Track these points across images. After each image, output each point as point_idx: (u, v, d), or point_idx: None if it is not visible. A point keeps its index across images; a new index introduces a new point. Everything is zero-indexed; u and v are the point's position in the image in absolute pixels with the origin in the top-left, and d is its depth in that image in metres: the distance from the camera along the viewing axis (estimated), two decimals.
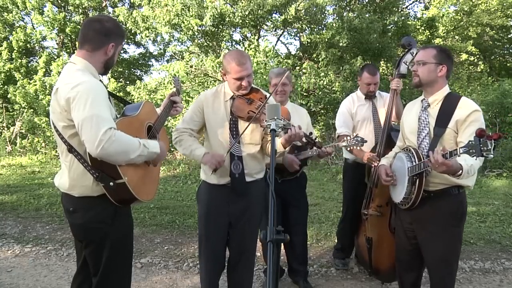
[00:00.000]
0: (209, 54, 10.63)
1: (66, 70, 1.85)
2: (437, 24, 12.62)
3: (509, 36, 15.18)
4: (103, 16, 2.35)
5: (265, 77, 8.19)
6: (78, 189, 1.82)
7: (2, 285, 3.20)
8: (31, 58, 14.54)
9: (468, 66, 16.17)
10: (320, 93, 9.43)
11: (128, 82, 14.88)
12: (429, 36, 12.61)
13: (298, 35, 12.11)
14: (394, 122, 3.19)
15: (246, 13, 9.39)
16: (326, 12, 10.38)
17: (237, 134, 2.38)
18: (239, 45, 11.24)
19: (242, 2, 9.49)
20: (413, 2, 13.87)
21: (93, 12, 13.96)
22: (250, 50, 9.23)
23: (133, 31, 11.06)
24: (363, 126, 3.29)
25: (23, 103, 11.24)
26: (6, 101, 12.40)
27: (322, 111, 10.36)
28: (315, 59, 10.52)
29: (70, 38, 14.12)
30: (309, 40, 10.54)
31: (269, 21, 10.64)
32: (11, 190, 6.33)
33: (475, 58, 16.38)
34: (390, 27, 11.08)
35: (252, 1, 9.28)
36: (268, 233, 1.28)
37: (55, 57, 13.64)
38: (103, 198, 1.79)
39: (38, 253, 3.88)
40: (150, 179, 1.98)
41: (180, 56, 11.97)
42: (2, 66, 12.87)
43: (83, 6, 13.55)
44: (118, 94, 7.33)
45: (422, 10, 14.11)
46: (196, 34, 10.34)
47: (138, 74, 17.18)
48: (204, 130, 2.53)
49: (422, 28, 12.49)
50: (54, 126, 1.83)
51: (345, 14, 10.05)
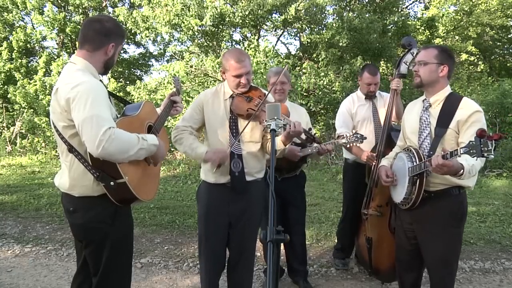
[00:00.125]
0: (209, 54, 10.63)
1: (66, 70, 1.85)
2: (437, 24, 12.63)
3: (509, 36, 15.18)
4: (103, 16, 2.35)
5: (265, 77, 8.19)
6: (79, 189, 1.83)
7: (2, 285, 3.20)
8: (31, 58, 14.54)
9: (468, 66, 16.17)
10: (320, 93, 9.43)
11: (128, 82, 14.88)
12: (429, 36, 12.61)
13: (298, 35, 12.11)
14: (394, 122, 3.19)
15: (246, 13, 9.39)
16: (326, 12, 10.39)
17: (236, 132, 2.38)
18: (239, 45, 11.23)
19: (242, 2, 9.49)
20: (413, 2, 13.89)
21: (93, 12, 13.95)
22: (250, 50, 9.23)
23: (133, 31, 11.06)
24: (363, 126, 3.29)
25: (23, 103, 11.25)
26: (6, 101, 12.40)
27: (322, 111, 10.36)
28: (315, 59, 10.52)
29: (70, 38, 14.12)
30: (309, 40, 10.54)
31: (269, 21, 10.64)
32: (11, 190, 6.33)
33: (475, 58, 16.38)
34: (390, 27, 11.08)
35: (252, 1, 9.29)
36: (268, 233, 1.28)
37: (55, 57, 13.64)
38: (104, 198, 1.79)
39: (38, 253, 3.88)
40: (150, 179, 1.98)
41: (180, 56, 11.97)
42: (2, 66, 12.88)
43: (83, 6, 13.55)
44: (118, 94, 7.32)
45: (422, 10, 14.13)
46: (196, 34, 10.34)
47: (138, 74, 17.18)
48: (203, 129, 2.53)
49: (422, 28, 12.49)
50: (54, 126, 1.83)
51: (345, 14, 10.04)
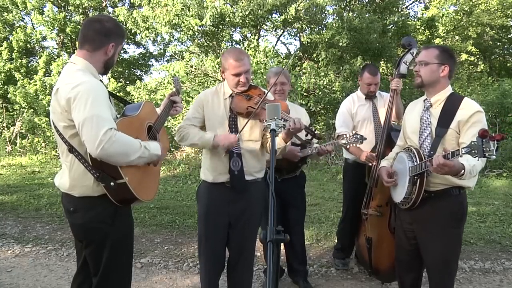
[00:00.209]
0: (209, 54, 10.63)
1: (66, 70, 1.85)
2: (437, 24, 12.62)
3: (509, 36, 15.18)
4: (103, 16, 2.35)
5: (265, 77, 8.19)
6: (79, 189, 1.83)
7: (2, 285, 3.20)
8: (31, 58, 14.54)
9: (468, 66, 16.16)
10: (320, 93, 9.43)
11: (128, 82, 14.88)
12: (429, 36, 12.61)
13: (298, 35, 12.10)
14: (394, 122, 3.20)
15: (246, 13, 9.38)
16: (326, 12, 10.39)
17: (236, 131, 2.38)
18: (239, 45, 11.23)
19: (243, 2, 9.49)
20: (413, 2, 13.88)
21: (93, 12, 13.94)
22: (250, 50, 9.23)
23: (133, 31, 11.06)
24: (364, 126, 3.29)
25: (23, 103, 11.26)
26: (6, 101, 12.41)
27: (322, 111, 10.36)
28: (315, 59, 10.52)
29: (70, 38, 14.12)
30: (309, 40, 10.54)
31: (269, 21, 10.64)
32: (11, 190, 6.33)
33: (475, 58, 16.37)
34: (390, 27, 11.09)
35: (252, 1, 9.28)
36: (268, 233, 1.28)
37: (55, 57, 13.64)
38: (104, 198, 1.79)
39: (38, 253, 3.88)
40: (150, 179, 1.98)
41: (180, 56, 11.96)
42: (2, 66, 12.87)
43: (83, 6, 13.55)
44: (118, 94, 7.32)
45: (422, 10, 14.13)
46: (196, 34, 10.34)
47: (138, 74, 17.18)
48: (204, 129, 2.52)
49: (422, 28, 12.48)
50: (55, 126, 1.83)
51: (345, 14, 10.04)
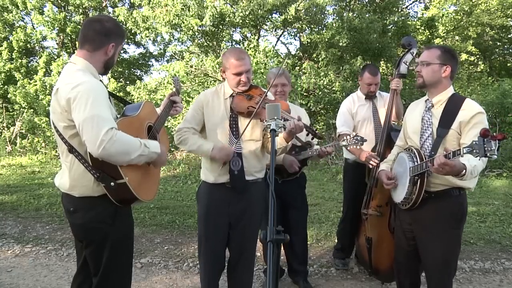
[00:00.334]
0: (209, 54, 10.63)
1: (66, 70, 1.85)
2: (437, 24, 12.62)
3: (509, 36, 15.17)
4: (103, 16, 2.35)
5: (265, 77, 8.19)
6: (79, 189, 1.83)
7: (2, 285, 3.20)
8: (31, 58, 14.54)
9: (468, 66, 16.16)
10: (320, 93, 9.43)
11: (128, 82, 14.88)
12: (429, 36, 12.61)
13: (298, 35, 12.11)
14: (394, 122, 3.20)
15: (247, 13, 9.38)
16: (326, 12, 10.40)
17: (237, 130, 2.38)
18: (239, 45, 11.23)
19: (243, 2, 9.49)
20: (413, 2, 13.89)
21: (93, 12, 13.95)
22: (250, 50, 9.23)
23: (133, 31, 11.06)
24: (364, 126, 3.29)
25: (23, 103, 11.26)
26: (6, 101, 12.41)
27: (322, 111, 10.36)
28: (315, 59, 10.52)
29: (70, 38, 14.12)
30: (309, 40, 10.54)
31: (269, 21, 10.64)
32: (11, 190, 6.33)
33: (475, 58, 16.37)
34: (390, 27, 11.09)
35: (252, 1, 9.28)
36: (268, 233, 1.28)
37: (55, 57, 13.64)
38: (104, 198, 1.79)
39: (38, 253, 3.88)
40: (150, 179, 1.98)
41: (180, 56, 11.96)
42: (2, 66, 12.87)
43: (83, 6, 13.55)
44: (118, 94, 7.33)
45: (422, 10, 14.13)
46: (196, 34, 10.34)
47: (138, 74, 17.18)
48: (204, 130, 2.52)
49: (422, 28, 12.49)
50: (55, 126, 1.83)
51: (345, 14, 10.05)
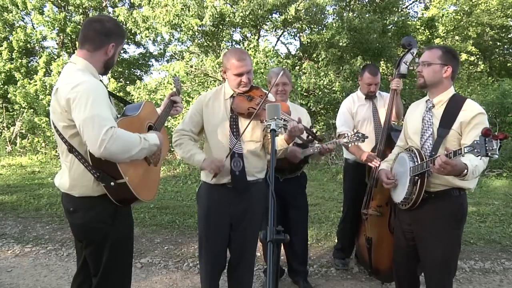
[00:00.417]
0: (209, 54, 10.63)
1: (66, 70, 1.85)
2: (437, 24, 12.62)
3: (509, 36, 15.16)
4: (104, 16, 2.35)
5: (265, 77, 8.19)
6: (79, 189, 1.83)
7: (2, 285, 3.20)
8: (31, 58, 14.53)
9: (468, 66, 16.15)
10: (320, 93, 9.43)
11: (128, 82, 14.87)
12: (429, 36, 12.60)
13: (298, 35, 12.10)
14: (394, 122, 3.20)
15: (247, 13, 9.38)
16: (326, 12, 10.39)
17: (237, 131, 2.37)
18: (239, 45, 11.23)
19: (243, 2, 9.49)
20: (413, 2, 13.89)
21: (93, 12, 13.94)
22: (250, 50, 9.23)
23: (133, 31, 11.06)
24: (364, 126, 3.29)
25: (23, 103, 11.25)
26: (6, 101, 12.40)
27: (322, 111, 10.35)
28: (315, 59, 10.52)
29: (70, 38, 14.11)
30: (309, 40, 10.54)
31: (269, 21, 10.64)
32: (11, 190, 6.33)
33: (475, 58, 16.35)
34: (390, 27, 11.09)
35: (252, 1, 9.28)
36: (268, 233, 1.28)
37: (55, 57, 13.63)
38: (104, 198, 1.79)
39: (38, 253, 3.88)
40: (150, 179, 1.98)
41: (180, 56, 11.96)
42: (2, 66, 12.87)
43: (84, 6, 13.54)
44: (118, 94, 7.32)
45: (422, 10, 14.12)
46: (196, 34, 10.34)
47: (138, 74, 17.16)
48: (203, 132, 2.52)
49: (422, 28, 12.48)
50: (55, 126, 1.83)
51: (345, 14, 10.05)
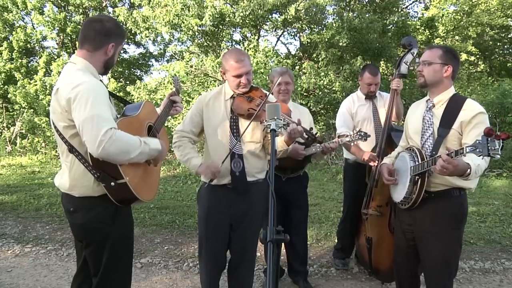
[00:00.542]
0: (209, 54, 10.63)
1: (66, 70, 1.85)
2: (437, 24, 12.62)
3: (509, 36, 15.15)
4: (104, 16, 2.35)
5: (265, 76, 8.19)
6: (79, 189, 1.82)
7: (2, 285, 3.20)
8: (31, 58, 14.52)
9: (468, 66, 16.15)
10: (320, 93, 9.43)
11: (128, 82, 14.86)
12: (429, 36, 12.61)
13: (298, 35, 12.10)
14: (394, 122, 3.19)
15: (247, 13, 9.38)
16: (326, 12, 10.39)
17: (237, 132, 2.38)
18: (239, 45, 11.23)
19: (244, 2, 9.49)
20: (413, 2, 13.90)
21: (93, 12, 13.94)
22: (250, 50, 9.23)
23: (133, 31, 11.05)
24: (364, 126, 3.28)
25: (23, 103, 11.24)
26: (6, 101, 12.40)
27: (322, 111, 10.35)
28: (315, 59, 10.52)
29: (70, 38, 14.11)
30: (309, 40, 10.54)
31: (269, 21, 10.64)
32: (11, 190, 6.33)
33: (475, 58, 16.35)
34: (390, 27, 11.09)
35: (252, 0, 9.28)
36: (268, 233, 1.28)
37: (55, 57, 13.62)
38: (104, 198, 1.79)
39: (38, 253, 3.88)
40: (151, 179, 1.98)
41: (180, 56, 11.95)
42: (3, 66, 12.86)
43: (84, 6, 13.54)
44: (118, 94, 7.32)
45: (422, 10, 14.13)
46: (196, 34, 10.34)
47: (138, 74, 17.15)
48: (203, 132, 2.52)
49: (422, 28, 12.48)
50: (55, 126, 1.83)
51: (345, 14, 10.05)
